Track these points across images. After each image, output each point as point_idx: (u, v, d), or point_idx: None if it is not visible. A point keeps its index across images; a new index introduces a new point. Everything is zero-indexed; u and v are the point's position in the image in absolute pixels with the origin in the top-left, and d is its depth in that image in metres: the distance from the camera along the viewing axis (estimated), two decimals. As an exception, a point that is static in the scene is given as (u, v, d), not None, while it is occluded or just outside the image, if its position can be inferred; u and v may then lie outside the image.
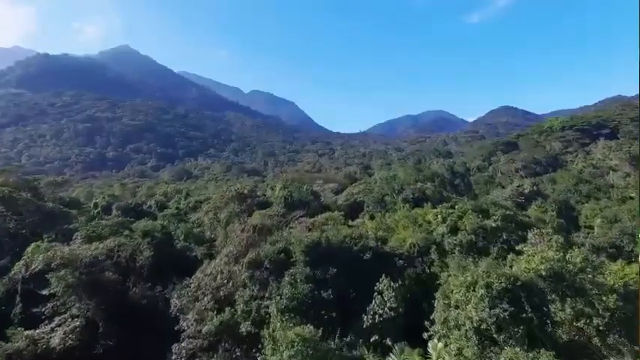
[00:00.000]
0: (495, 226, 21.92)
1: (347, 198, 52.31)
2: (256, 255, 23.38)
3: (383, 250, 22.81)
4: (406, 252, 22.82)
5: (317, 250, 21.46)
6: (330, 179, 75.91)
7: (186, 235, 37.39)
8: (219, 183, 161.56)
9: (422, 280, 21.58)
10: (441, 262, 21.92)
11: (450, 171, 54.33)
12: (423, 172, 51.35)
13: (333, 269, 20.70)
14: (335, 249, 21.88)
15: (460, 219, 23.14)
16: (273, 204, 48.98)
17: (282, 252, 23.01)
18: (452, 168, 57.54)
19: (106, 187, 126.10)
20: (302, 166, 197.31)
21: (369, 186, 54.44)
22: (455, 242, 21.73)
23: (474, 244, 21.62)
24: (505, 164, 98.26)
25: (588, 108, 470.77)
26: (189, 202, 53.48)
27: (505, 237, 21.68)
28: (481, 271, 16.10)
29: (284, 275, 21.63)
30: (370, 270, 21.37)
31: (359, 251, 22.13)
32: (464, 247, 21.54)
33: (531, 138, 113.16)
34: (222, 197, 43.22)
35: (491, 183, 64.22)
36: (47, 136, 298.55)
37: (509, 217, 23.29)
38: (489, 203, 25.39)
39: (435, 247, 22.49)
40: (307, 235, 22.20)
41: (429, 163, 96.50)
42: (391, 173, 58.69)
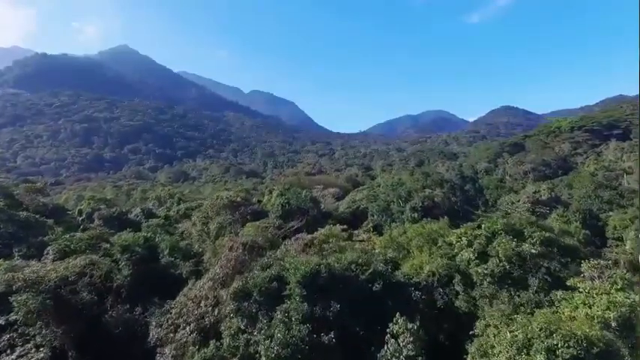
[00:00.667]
0: (536, 252, 18.09)
1: (349, 205, 48.47)
2: (244, 283, 19.53)
3: (396, 279, 19.00)
4: (424, 281, 19.02)
5: (316, 280, 17.65)
6: (331, 183, 72.11)
7: (172, 248, 33.54)
8: (217, 185, 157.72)
9: (445, 317, 17.79)
10: (467, 295, 18.12)
11: (460, 176, 50.41)
12: (431, 177, 47.46)
13: (335, 305, 16.87)
14: (338, 278, 18.07)
15: (489, 242, 19.27)
16: (270, 212, 45.17)
17: (275, 280, 19.19)
18: (462, 173, 53.51)
19: (100, 190, 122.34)
20: (302, 167, 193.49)
21: (372, 192, 50.57)
22: (485, 272, 17.92)
23: (509, 274, 17.80)
24: (513, 166, 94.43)
25: (590, 108, 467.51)
26: (179, 210, 49.61)
27: (547, 266, 17.85)
28: (537, 327, 12.27)
29: (276, 310, 17.80)
30: (381, 304, 17.60)
31: (367, 281, 18.32)
32: (495, 278, 17.72)
33: (539, 139, 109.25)
34: (213, 206, 39.36)
35: (501, 187, 60.27)
36: (44, 136, 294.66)
37: (549, 241, 19.46)
38: (524, 222, 21.55)
39: (459, 276, 18.70)
40: (305, 262, 18.35)
41: (434, 165, 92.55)
42: (396, 177, 54.75)
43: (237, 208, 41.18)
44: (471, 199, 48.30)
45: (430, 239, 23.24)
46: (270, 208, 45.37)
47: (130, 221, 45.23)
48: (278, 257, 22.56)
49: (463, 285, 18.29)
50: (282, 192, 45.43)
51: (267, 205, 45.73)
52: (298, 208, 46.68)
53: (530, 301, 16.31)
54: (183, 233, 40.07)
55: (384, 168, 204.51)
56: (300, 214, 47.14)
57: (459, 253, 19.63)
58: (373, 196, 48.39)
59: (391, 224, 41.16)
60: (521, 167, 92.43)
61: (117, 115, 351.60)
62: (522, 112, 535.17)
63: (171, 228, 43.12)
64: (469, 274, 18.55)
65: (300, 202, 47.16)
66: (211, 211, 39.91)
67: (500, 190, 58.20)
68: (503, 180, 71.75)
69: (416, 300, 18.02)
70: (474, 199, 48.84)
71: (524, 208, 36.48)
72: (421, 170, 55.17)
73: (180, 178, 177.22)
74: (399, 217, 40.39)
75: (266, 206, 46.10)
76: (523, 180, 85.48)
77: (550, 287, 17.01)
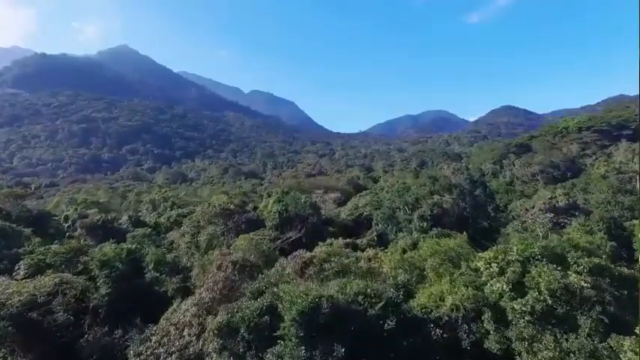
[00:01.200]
0: (587, 286, 14.88)
1: (351, 212, 45.27)
2: (229, 317, 16.36)
3: (411, 313, 15.88)
4: (445, 316, 15.89)
5: (316, 317, 14.52)
6: (332, 186, 68.96)
7: (158, 262, 30.38)
8: (215, 186, 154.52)
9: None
10: (500, 335, 14.95)
11: (470, 180, 47.11)
12: (439, 181, 44.21)
13: (339, 348, 13.75)
14: (342, 313, 14.94)
15: (525, 269, 16.05)
16: (266, 220, 41.97)
17: (267, 312, 16.08)
18: (471, 176, 50.11)
19: (94, 192, 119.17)
20: (302, 168, 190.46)
21: (376, 197, 47.37)
22: (523, 308, 14.74)
23: (552, 311, 14.64)
24: (520, 168, 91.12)
25: (591, 107, 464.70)
26: (170, 217, 46.41)
27: (600, 301, 14.67)
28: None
29: (267, 352, 14.67)
30: (393, 344, 14.47)
31: (377, 317, 15.18)
32: (536, 315, 14.54)
33: (545, 139, 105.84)
34: (205, 214, 36.15)
35: (512, 191, 56.91)
36: (41, 137, 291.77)
37: (599, 269, 16.28)
38: (565, 244, 18.36)
39: (489, 311, 15.51)
40: (302, 293, 15.19)
41: (438, 167, 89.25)
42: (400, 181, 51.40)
43: (231, 216, 38.02)
44: (481, 205, 45.00)
45: (449, 260, 20.09)
46: (266, 216, 42.18)
47: (115, 230, 42.04)
48: (272, 281, 19.37)
49: (495, 322, 15.10)
50: (279, 198, 42.24)
51: (264, 212, 42.54)
52: (297, 215, 43.52)
53: (582, 348, 13.16)
54: (173, 244, 36.90)
55: (386, 169, 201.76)
56: (299, 221, 44.01)
57: (489, 283, 16.44)
58: (377, 201, 45.19)
59: (397, 233, 37.97)
60: (529, 169, 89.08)
61: (115, 115, 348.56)
62: (523, 111, 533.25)
63: (159, 238, 39.90)
64: (502, 310, 15.36)
65: (299, 208, 44.00)
66: (203, 219, 36.75)
67: (510, 194, 54.87)
68: (513, 183, 68.37)
69: (436, 339, 14.96)
70: (484, 205, 45.55)
71: (546, 218, 33.22)
72: (427, 174, 51.89)
73: (178, 179, 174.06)
74: (405, 226, 37.19)
75: (262, 213, 42.90)
76: (531, 182, 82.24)
77: (607, 330, 13.91)
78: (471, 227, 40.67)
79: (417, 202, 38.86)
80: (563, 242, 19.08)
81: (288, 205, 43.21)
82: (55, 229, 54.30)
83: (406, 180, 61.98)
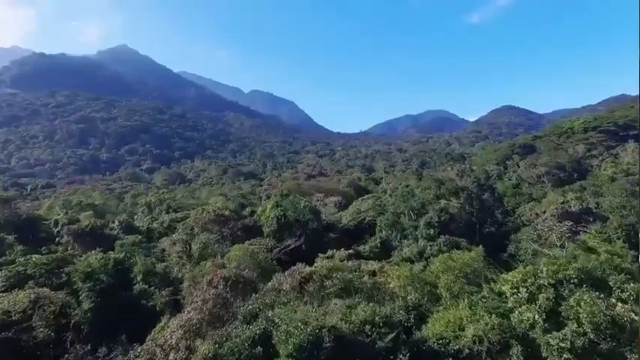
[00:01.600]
0: (637, 319, 12.76)
1: (353, 216, 43.15)
2: (217, 347, 14.26)
3: (426, 345, 13.79)
4: (466, 349, 13.76)
5: (316, 351, 12.45)
6: (332, 189, 66.88)
7: (147, 273, 28.29)
8: (214, 187, 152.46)
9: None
10: (531, 374, 12.89)
11: (477, 183, 44.99)
12: (445, 185, 42.11)
13: (344, 389, 11.69)
14: (347, 346, 12.89)
15: (559, 295, 13.92)
16: (264, 226, 39.88)
17: (261, 342, 14.01)
18: (478, 180, 47.92)
19: (90, 194, 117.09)
20: (301, 169, 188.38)
21: (379, 201, 45.23)
22: (561, 344, 12.56)
23: (595, 346, 12.54)
24: (525, 169, 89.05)
25: (592, 107, 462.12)
26: (164, 222, 44.21)
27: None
28: None
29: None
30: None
31: (388, 350, 13.10)
32: (577, 352, 12.38)
33: (550, 140, 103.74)
34: (198, 220, 34.02)
35: (519, 194, 54.71)
36: (40, 137, 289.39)
37: (646, 295, 14.36)
38: (604, 265, 16.26)
39: (519, 345, 13.35)
40: (300, 323, 13.10)
41: (442, 169, 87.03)
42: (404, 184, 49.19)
43: (226, 222, 35.91)
44: (489, 210, 42.89)
45: (464, 277, 18.00)
46: (264, 221, 40.07)
47: (104, 237, 39.83)
48: (266, 302, 17.26)
49: (525, 358, 13.00)
50: (277, 202, 40.11)
51: (262, 217, 40.42)
52: (296, 221, 41.47)
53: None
54: (164, 252, 34.70)
55: (387, 169, 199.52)
56: (299, 226, 41.95)
57: (516, 310, 14.29)
58: (380, 206, 43.07)
59: (402, 240, 35.86)
60: (534, 170, 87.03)
61: (114, 115, 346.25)
62: (524, 111, 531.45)
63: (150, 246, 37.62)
64: (534, 344, 13.26)
65: (298, 212, 41.92)
66: (196, 226, 34.61)
67: (518, 197, 52.67)
68: (519, 185, 66.23)
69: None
70: (492, 209, 43.44)
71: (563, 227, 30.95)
72: (432, 176, 49.65)
73: (177, 180, 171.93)
74: (411, 232, 35.09)
75: (260, 218, 40.79)
76: (537, 184, 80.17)
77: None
78: (479, 233, 38.64)
79: (422, 207, 36.77)
80: (602, 263, 16.93)
81: (286, 210, 41.16)
82: (46, 233, 52.21)
83: (409, 182, 59.87)
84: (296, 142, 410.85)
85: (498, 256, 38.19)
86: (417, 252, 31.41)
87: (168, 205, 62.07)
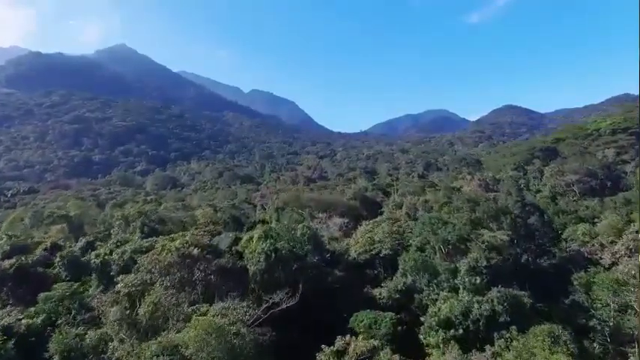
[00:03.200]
0: None
1: (365, 247, 33.91)
2: None
3: None
4: None
5: None
6: (336, 202, 57.69)
7: (67, 353, 18.87)
8: (207, 193, 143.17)
9: None
10: None
11: (521, 203, 35.63)
12: (482, 207, 32.84)
13: None
14: None
15: None
16: (248, 263, 30.54)
17: None
18: (522, 197, 38.27)
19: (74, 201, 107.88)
20: (301, 171, 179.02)
21: (396, 226, 35.94)
22: None
23: None
24: (551, 177, 79.68)
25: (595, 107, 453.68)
26: (124, 254, 34.37)
27: None
28: None
29: None
30: None
31: None
32: None
33: (574, 143, 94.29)
34: (156, 263, 24.64)
35: (564, 213, 45.24)
36: (31, 138, 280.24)
37: None
38: None
39: None
40: None
41: (460, 176, 77.42)
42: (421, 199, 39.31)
43: (196, 262, 26.61)
44: (540, 239, 33.57)
45: None
46: (249, 257, 30.73)
47: (37, 279, 30.43)
48: None
49: None
50: (266, 232, 30.75)
51: (246, 251, 31.07)
52: (291, 253, 32.13)
53: None
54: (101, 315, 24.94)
55: (390, 172, 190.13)
56: (296, 259, 32.66)
57: None
58: (399, 233, 33.76)
59: (434, 287, 26.48)
60: (562, 178, 77.63)
61: (109, 115, 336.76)
62: (525, 111, 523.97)
63: (86, 301, 28.17)
64: None
65: (294, 243, 32.49)
66: (155, 269, 25.32)
67: (562, 216, 43.27)
68: (555, 198, 56.57)
69: None
70: (543, 239, 34.13)
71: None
72: (465, 197, 39.83)
73: (169, 184, 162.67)
74: (447, 279, 25.78)
75: (244, 252, 31.42)
76: (568, 195, 70.73)
77: None
78: (532, 276, 29.14)
79: (460, 241, 27.44)
80: None
81: (279, 240, 31.75)
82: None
83: (427, 196, 50.43)
84: (296, 142, 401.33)
85: (555, 302, 28.87)
86: (460, 312, 22.01)
87: (144, 223, 52.73)
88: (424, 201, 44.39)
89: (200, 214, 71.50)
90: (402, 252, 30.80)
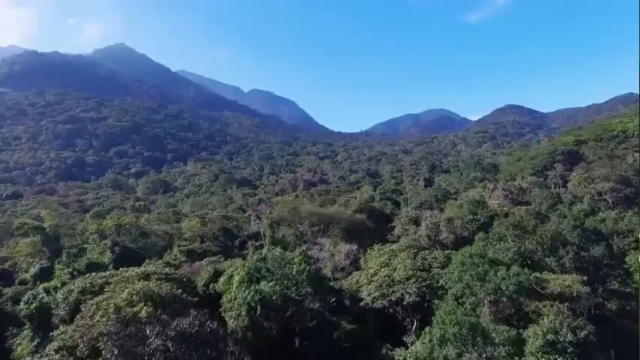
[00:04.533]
0: None
1: (382, 290, 25.84)
2: None
3: None
4: None
5: None
6: (339, 216, 49.75)
7: None
8: (201, 197, 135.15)
9: None
10: None
11: (580, 229, 27.64)
12: (536, 236, 24.85)
13: None
14: None
15: None
16: (226, 315, 22.48)
17: None
18: (580, 222, 30.01)
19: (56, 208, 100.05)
20: (301, 174, 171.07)
21: (420, 258, 27.80)
22: None
23: None
24: (579, 184, 71.59)
25: (598, 106, 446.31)
26: (70, 294, 26.37)
27: None
28: None
29: None
30: None
31: None
32: None
33: (599, 146, 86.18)
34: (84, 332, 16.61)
35: (620, 235, 37.02)
36: (23, 138, 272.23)
37: None
38: None
39: None
40: None
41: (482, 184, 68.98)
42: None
43: (147, 326, 18.59)
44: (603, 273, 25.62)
45: None
46: (227, 307, 22.66)
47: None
48: None
49: None
50: (249, 273, 22.74)
51: (224, 299, 23.05)
52: (285, 298, 24.04)
53: None
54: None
55: (394, 174, 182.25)
56: (293, 305, 24.78)
57: None
58: (425, 270, 25.71)
59: None
60: (592, 186, 69.45)
61: (104, 115, 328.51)
62: (528, 110, 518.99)
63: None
64: None
65: (288, 283, 24.47)
66: (83, 342, 17.32)
67: (619, 238, 35.10)
68: (595, 211, 48.17)
69: None
70: (611, 277, 26.21)
71: None
72: (510, 222, 31.62)
73: (160, 188, 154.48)
74: (510, 355, 17.71)
75: (222, 299, 23.40)
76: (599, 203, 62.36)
77: None
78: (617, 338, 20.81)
79: (520, 291, 19.43)
80: None
81: (268, 280, 23.67)
82: None
83: (447, 211, 42.30)
84: (296, 142, 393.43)
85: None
86: None
87: (114, 241, 44.79)
88: (447, 220, 36.48)
89: (186, 227, 63.65)
90: (433, 297, 22.95)
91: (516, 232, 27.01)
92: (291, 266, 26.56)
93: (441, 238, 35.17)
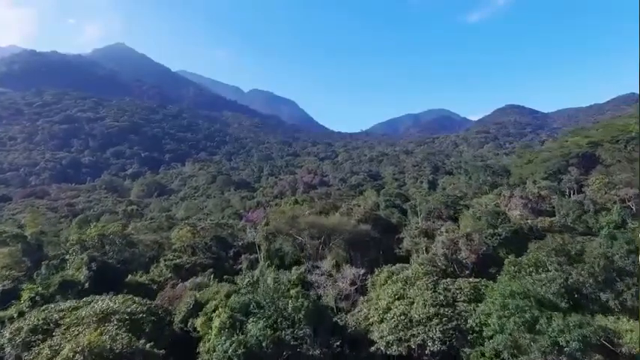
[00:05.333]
0: None
1: (398, 332, 20.97)
2: None
3: None
4: None
5: None
6: (341, 227, 45.13)
7: None
8: (197, 200, 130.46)
9: None
10: None
11: (635, 256, 22.93)
12: (587, 265, 20.20)
13: None
14: None
15: None
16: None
17: None
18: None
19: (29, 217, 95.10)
20: (300, 176, 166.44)
21: (442, 288, 23.00)
22: None
23: None
24: (599, 191, 66.71)
25: (600, 106, 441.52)
26: (18, 336, 21.82)
27: None
28: None
29: None
30: None
31: None
32: None
33: (616, 148, 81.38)
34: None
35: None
36: (18, 138, 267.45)
37: None
38: None
39: None
40: None
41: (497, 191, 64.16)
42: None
43: None
44: None
45: None
46: (204, 357, 17.83)
47: None
48: None
49: None
50: (233, 316, 17.97)
51: (201, 348, 18.30)
52: (278, 344, 19.24)
53: None
54: None
55: (396, 176, 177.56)
56: (287, 349, 19.97)
57: None
58: (449, 305, 20.98)
59: None
60: (614, 192, 64.55)
61: (102, 115, 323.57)
62: (529, 110, 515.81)
63: None
64: None
65: (283, 324, 19.65)
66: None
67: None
68: (626, 224, 43.43)
69: None
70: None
71: None
72: (552, 246, 27.23)
73: (155, 191, 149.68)
74: None
75: (200, 345, 18.64)
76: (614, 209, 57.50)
77: None
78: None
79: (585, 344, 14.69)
80: None
81: (259, 318, 18.86)
82: None
83: (463, 223, 37.47)
84: (296, 142, 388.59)
85: None
86: None
87: (91, 257, 40.15)
88: (466, 237, 31.80)
89: (175, 237, 58.89)
90: (463, 344, 18.24)
91: (559, 259, 22.28)
92: (286, 300, 21.80)
93: (459, 257, 30.48)
